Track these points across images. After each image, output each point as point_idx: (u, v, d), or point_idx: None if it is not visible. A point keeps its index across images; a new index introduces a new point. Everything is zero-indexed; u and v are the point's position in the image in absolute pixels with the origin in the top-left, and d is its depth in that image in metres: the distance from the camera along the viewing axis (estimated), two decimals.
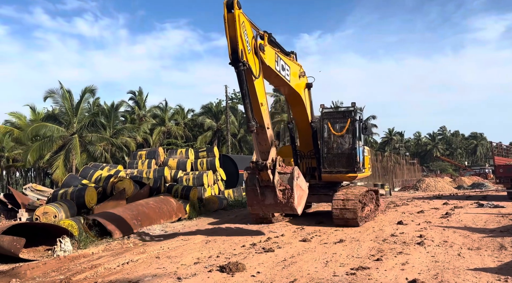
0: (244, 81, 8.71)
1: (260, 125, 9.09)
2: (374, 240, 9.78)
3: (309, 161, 13.88)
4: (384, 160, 52.46)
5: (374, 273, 6.71)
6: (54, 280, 6.93)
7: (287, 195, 9.27)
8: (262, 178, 9.27)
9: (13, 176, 50.36)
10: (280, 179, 9.30)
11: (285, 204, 9.31)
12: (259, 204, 9.58)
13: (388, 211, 17.09)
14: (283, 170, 9.42)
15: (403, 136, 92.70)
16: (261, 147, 9.36)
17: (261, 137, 9.24)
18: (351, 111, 13.44)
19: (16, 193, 14.37)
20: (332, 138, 13.63)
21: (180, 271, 7.36)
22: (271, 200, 9.41)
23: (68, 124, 33.73)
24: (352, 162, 12.87)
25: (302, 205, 9.86)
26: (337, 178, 13.32)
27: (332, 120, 13.60)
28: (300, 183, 9.60)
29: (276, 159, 9.31)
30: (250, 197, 9.66)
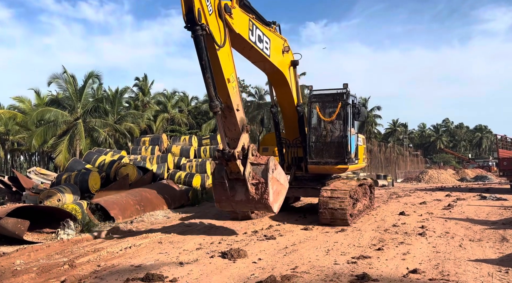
0: (204, 50, 7.13)
1: (227, 106, 7.72)
2: (375, 230, 9.80)
3: (295, 150, 12.24)
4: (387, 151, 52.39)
5: (375, 262, 6.74)
6: (58, 263, 7.00)
7: (261, 190, 7.90)
8: (231, 170, 7.91)
9: (17, 160, 50.70)
10: (252, 171, 7.93)
11: (258, 200, 7.95)
12: (228, 200, 8.25)
13: (390, 201, 17.11)
14: (256, 160, 8.02)
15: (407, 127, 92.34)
16: (229, 132, 8.03)
17: (229, 121, 7.88)
18: (342, 93, 11.55)
19: (20, 176, 14.47)
20: (320, 124, 12.02)
21: (182, 256, 7.42)
22: (242, 196, 8.07)
23: (72, 109, 33.78)
24: (342, 152, 11.19)
25: (280, 202, 8.54)
26: (325, 170, 11.64)
27: (321, 104, 12.00)
28: (277, 175, 8.25)
29: (249, 147, 7.98)
30: (217, 192, 8.33)
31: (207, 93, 7.31)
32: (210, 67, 7.23)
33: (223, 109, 7.61)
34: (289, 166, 12.09)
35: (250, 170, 7.89)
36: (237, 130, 7.96)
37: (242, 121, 8.03)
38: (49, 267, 6.69)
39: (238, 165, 7.75)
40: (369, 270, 6.16)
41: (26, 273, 6.38)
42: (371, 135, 68.43)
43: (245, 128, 8.02)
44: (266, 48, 9.67)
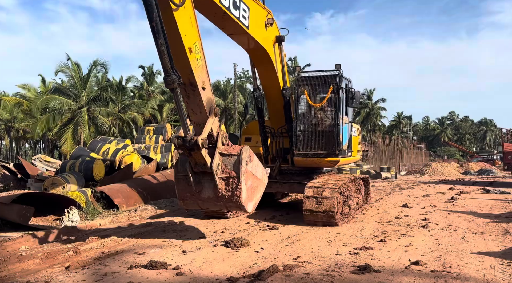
0: (154, 8, 5.56)
1: (189, 83, 6.33)
2: (378, 222, 9.82)
3: (281, 140, 10.88)
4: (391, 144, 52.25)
5: (377, 253, 6.77)
6: (62, 249, 7.08)
7: (232, 186, 6.61)
8: (196, 161, 6.58)
9: (22, 147, 51.01)
10: (222, 162, 6.65)
11: (228, 198, 6.65)
12: (194, 197, 6.91)
13: (394, 194, 17.10)
14: (227, 150, 6.72)
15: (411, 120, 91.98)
16: (194, 115, 6.67)
17: (192, 102, 6.51)
18: (334, 76, 10.21)
19: (25, 163, 14.58)
20: (309, 111, 10.77)
21: (185, 245, 7.47)
22: (209, 192, 6.75)
23: (76, 97, 33.85)
24: (333, 143, 9.92)
25: (256, 200, 7.24)
26: (313, 163, 10.31)
27: (310, 88, 10.73)
28: (253, 168, 6.96)
29: (218, 135, 6.69)
30: (180, 188, 7.00)
31: (161, 64, 5.86)
32: (164, 31, 5.72)
33: (185, 87, 6.32)
34: (274, 157, 10.89)
35: (219, 162, 6.58)
36: (203, 113, 6.56)
37: (210, 102, 6.60)
38: (53, 253, 6.76)
39: (204, 155, 6.40)
40: (371, 261, 6.19)
41: (31, 258, 6.46)
42: (375, 127, 68.21)
43: (214, 111, 6.61)
44: (243, 18, 8.07)
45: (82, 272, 5.77)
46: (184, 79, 6.15)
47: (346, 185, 10.04)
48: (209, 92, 6.63)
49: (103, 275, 5.63)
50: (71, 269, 5.90)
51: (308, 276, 5.51)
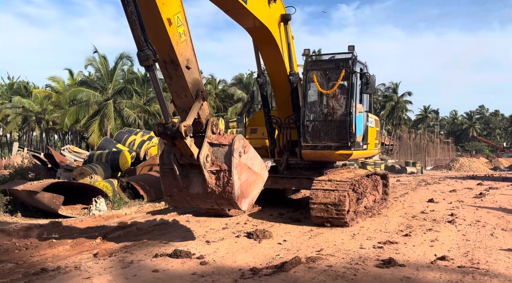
0: None
1: (170, 60, 5.44)
2: (403, 216, 9.67)
3: (288, 132, 9.89)
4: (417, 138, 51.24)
5: (402, 247, 6.67)
6: (90, 237, 7.29)
7: (223, 180, 5.76)
8: (181, 152, 5.73)
9: (51, 138, 52.56)
10: (212, 154, 5.80)
11: (219, 194, 5.82)
12: (182, 192, 6.07)
13: (419, 189, 16.80)
14: (218, 140, 5.86)
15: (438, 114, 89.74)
16: (178, 99, 5.83)
17: (175, 83, 5.67)
18: (347, 59, 9.23)
19: (55, 154, 15.02)
20: (319, 99, 9.86)
21: (209, 235, 7.57)
22: (198, 188, 5.91)
23: (103, 90, 34.59)
24: (345, 134, 8.93)
25: (252, 197, 6.32)
26: (323, 156, 9.34)
27: (320, 73, 9.69)
28: (248, 161, 6.08)
29: (208, 122, 5.85)
30: (166, 182, 6.17)
31: (133, 37, 5.00)
32: None
33: (166, 65, 5.50)
34: (281, 151, 9.96)
35: (208, 153, 5.74)
36: (188, 96, 5.69)
37: (196, 84, 5.73)
38: (82, 241, 6.97)
39: (189, 145, 5.55)
40: (396, 255, 6.11)
41: (61, 245, 6.67)
42: (401, 121, 66.95)
43: (201, 94, 5.72)
44: None
45: (109, 259, 5.93)
46: (163, 56, 5.33)
47: (360, 181, 9.09)
48: (195, 73, 5.70)
49: (129, 262, 5.77)
50: (98, 256, 6.08)
51: (331, 269, 5.49)
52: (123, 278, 5.11)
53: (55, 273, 5.23)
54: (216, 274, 5.26)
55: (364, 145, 9.82)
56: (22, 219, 9.40)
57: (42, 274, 5.15)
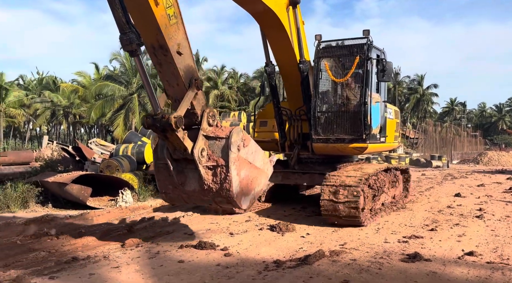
0: None
1: (159, 46, 4.94)
2: (428, 211, 9.51)
3: (299, 124, 9.33)
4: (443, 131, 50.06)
5: (427, 242, 6.57)
6: (118, 228, 7.48)
7: (220, 177, 5.37)
8: (174, 146, 5.35)
9: (78, 132, 53.95)
10: (209, 148, 5.39)
11: (217, 191, 5.42)
12: (177, 189, 5.71)
13: (445, 183, 16.46)
14: (214, 132, 5.44)
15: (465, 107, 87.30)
16: (170, 88, 5.36)
17: (166, 70, 5.19)
18: (361, 45, 8.59)
19: (83, 147, 15.42)
20: (331, 88, 9.22)
21: (232, 227, 7.65)
22: (194, 184, 5.53)
23: (127, 84, 35.22)
24: (359, 125, 8.33)
25: (254, 195, 5.90)
26: (336, 150, 8.74)
27: (332, 60, 9.05)
28: (248, 155, 5.65)
29: (203, 113, 5.41)
30: (161, 178, 5.84)
31: (114, 19, 4.66)
32: None
33: (155, 51, 5.01)
34: (292, 144, 9.42)
35: (203, 147, 5.33)
36: (180, 85, 5.22)
37: (189, 71, 5.25)
38: (109, 231, 7.17)
39: (181, 138, 5.17)
40: (421, 250, 6.03)
41: (90, 235, 6.88)
42: (426, 114, 65.51)
43: (195, 83, 5.25)
44: None
45: (136, 250, 6.08)
46: (151, 40, 4.90)
47: (377, 176, 8.49)
48: (187, 59, 5.22)
49: (156, 253, 5.90)
50: (126, 246, 6.23)
51: (356, 263, 5.47)
52: (149, 268, 5.24)
53: (85, 262, 5.41)
54: (240, 266, 5.33)
55: (381, 137, 9.20)
56: (52, 209, 9.73)
57: (73, 263, 5.34)
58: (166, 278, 4.84)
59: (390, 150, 11.62)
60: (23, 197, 9.65)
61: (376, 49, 8.87)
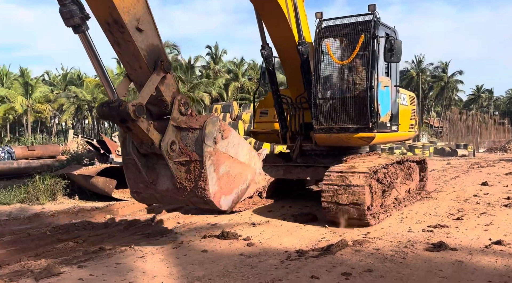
0: None
1: (114, 21, 4.17)
2: (454, 200, 9.32)
3: (301, 113, 8.58)
4: (468, 119, 48.79)
5: (453, 231, 6.45)
6: (146, 218, 7.62)
7: (194, 173, 4.71)
8: (140, 139, 4.68)
9: (102, 126, 55.04)
10: (181, 141, 4.73)
11: (191, 191, 4.78)
12: (149, 188, 5.06)
13: (471, 171, 16.09)
14: (187, 123, 4.74)
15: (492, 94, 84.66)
16: (133, 72, 4.64)
17: (124, 51, 4.45)
18: (367, 21, 7.64)
19: (107, 140, 15.74)
20: (334, 71, 8.30)
21: (254, 218, 7.70)
22: (167, 183, 4.92)
23: None
24: (365, 113, 7.44)
25: (238, 193, 5.22)
26: (340, 141, 7.89)
27: (335, 40, 8.11)
28: (229, 148, 4.95)
29: (174, 100, 4.71)
30: (131, 176, 5.19)
31: None
32: None
33: (109, 27, 4.25)
34: (294, 135, 8.67)
35: (174, 139, 4.66)
36: (143, 68, 4.48)
37: (154, 52, 4.49)
38: (134, 222, 7.32)
39: (145, 130, 4.49)
40: (447, 239, 5.92)
41: (115, 226, 7.05)
42: (451, 102, 63.93)
43: (161, 65, 4.50)
44: None
45: (161, 240, 6.20)
46: (104, 15, 4.15)
47: (387, 169, 7.68)
48: (151, 37, 4.44)
49: (180, 243, 6.00)
50: (150, 236, 6.36)
51: (379, 252, 5.42)
52: (174, 257, 5.33)
53: (111, 251, 5.54)
54: (263, 255, 5.36)
55: (393, 125, 8.29)
56: (79, 201, 10.01)
57: (100, 253, 5.48)
58: (190, 267, 4.92)
59: (405, 139, 10.32)
60: (51, 190, 9.95)
61: (385, 26, 7.96)
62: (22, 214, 8.06)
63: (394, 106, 8.28)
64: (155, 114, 4.72)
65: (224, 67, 51.84)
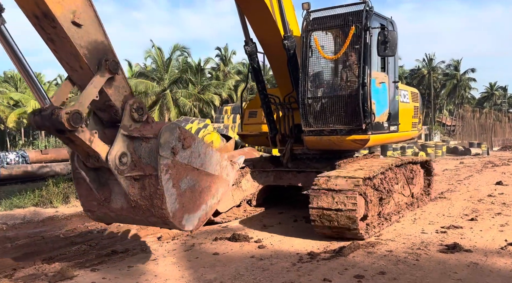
0: None
1: (43, 14, 3.47)
2: (468, 200, 9.19)
3: (291, 114, 7.95)
4: (482, 117, 48.08)
5: (467, 232, 6.36)
6: None
7: (149, 190, 4.00)
8: (86, 151, 3.96)
9: None
10: (135, 152, 4.00)
11: (148, 210, 4.09)
12: (102, 206, 4.36)
13: (485, 171, 15.85)
14: (141, 131, 4.00)
15: (506, 91, 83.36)
16: (74, 73, 3.93)
17: (60, 49, 3.75)
18: (358, 12, 6.95)
19: None
20: (323, 67, 7.57)
21: (266, 220, 7.70)
22: (121, 201, 4.23)
23: (159, 80, 36.00)
24: (357, 112, 6.79)
25: (206, 210, 4.52)
26: (331, 144, 7.23)
27: (323, 33, 7.39)
28: (192, 159, 4.25)
29: (125, 106, 3.99)
30: (82, 193, 4.47)
31: None
32: None
33: (39, 22, 3.54)
34: (284, 138, 8.05)
35: (125, 151, 3.93)
36: (84, 68, 3.76)
37: (96, 49, 3.77)
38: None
39: (86, 141, 3.74)
40: (461, 241, 5.84)
41: (128, 229, 7.09)
42: (464, 100, 63.10)
43: (106, 65, 3.78)
44: None
45: (172, 243, 6.23)
46: (30, 6, 3.44)
47: (384, 174, 6.88)
48: (92, 32, 3.73)
49: (191, 245, 6.02)
50: (162, 239, 6.40)
51: (392, 254, 5.37)
52: (186, 260, 5.35)
53: (124, 254, 5.58)
54: (274, 258, 5.35)
55: (391, 125, 7.62)
56: None
57: (112, 255, 5.53)
58: (201, 270, 4.93)
59: (408, 139, 9.47)
60: (64, 193, 10.06)
61: (380, 17, 7.30)
62: (36, 218, 8.17)
63: (392, 104, 7.64)
64: (106, 122, 4.07)
65: (233, 69, 51.91)
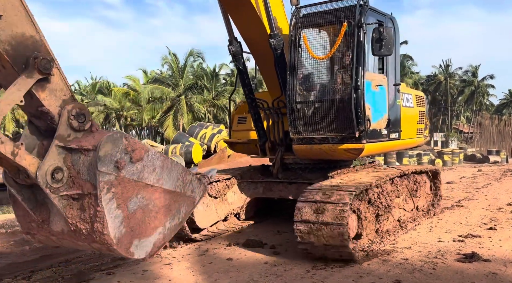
0: None
1: None
2: (486, 209, 9.00)
3: (280, 120, 7.25)
4: (501, 124, 47.19)
5: (486, 241, 6.23)
6: None
7: (89, 212, 3.02)
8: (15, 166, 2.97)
9: (130, 133, 56.36)
10: (73, 167, 3.01)
11: (88, 235, 3.10)
12: (41, 228, 3.41)
13: (504, 179, 15.51)
14: (80, 142, 3.01)
15: None
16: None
17: None
18: (352, 7, 6.24)
19: None
20: (313, 68, 6.84)
21: (279, 226, 7.63)
22: (61, 223, 3.25)
23: (174, 86, 36.42)
24: (350, 119, 6.07)
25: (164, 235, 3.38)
26: (323, 153, 6.58)
27: (313, 31, 6.69)
28: (145, 174, 3.21)
29: (62, 112, 3.00)
30: (20, 214, 3.50)
31: None
32: None
33: None
34: (274, 146, 7.37)
35: (59, 165, 3.05)
36: (7, 67, 2.90)
37: (21, 45, 2.90)
38: None
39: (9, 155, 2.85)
40: (479, 250, 5.72)
41: None
42: (482, 107, 62.06)
43: (36, 62, 2.85)
44: None
45: (186, 247, 6.25)
46: None
47: (381, 187, 6.17)
48: (18, 25, 2.95)
49: (205, 251, 6.04)
50: (176, 244, 6.42)
51: (408, 262, 5.29)
52: (199, 265, 5.36)
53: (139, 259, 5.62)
54: (288, 264, 5.32)
55: (391, 132, 6.93)
56: None
57: (127, 259, 5.57)
58: (215, 275, 4.93)
59: (411, 147, 8.64)
60: None
61: (377, 13, 6.56)
62: None
63: (392, 109, 6.95)
64: (44, 131, 3.39)
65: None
